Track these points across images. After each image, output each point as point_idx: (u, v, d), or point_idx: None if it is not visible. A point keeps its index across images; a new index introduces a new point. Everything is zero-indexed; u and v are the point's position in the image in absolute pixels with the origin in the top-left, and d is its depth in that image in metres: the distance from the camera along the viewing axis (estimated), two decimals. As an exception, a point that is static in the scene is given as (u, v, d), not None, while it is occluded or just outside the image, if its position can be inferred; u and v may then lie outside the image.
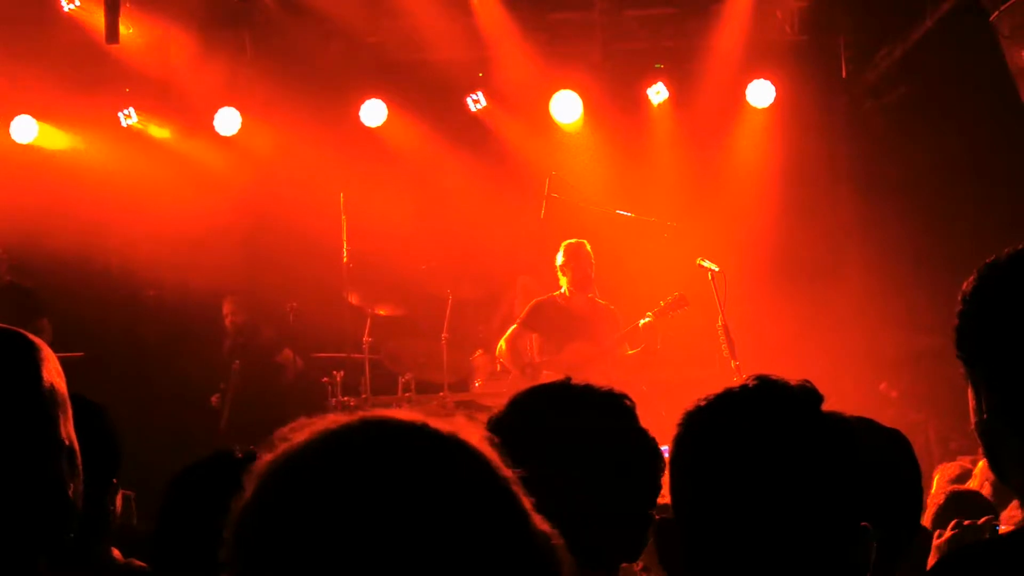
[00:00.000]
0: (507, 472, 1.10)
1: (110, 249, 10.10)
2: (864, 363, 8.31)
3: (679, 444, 1.78)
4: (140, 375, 9.37)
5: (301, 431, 1.10)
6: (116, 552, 2.57)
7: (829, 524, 1.70)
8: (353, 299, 9.10)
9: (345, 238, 8.95)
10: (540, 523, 1.10)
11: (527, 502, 1.10)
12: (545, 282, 8.44)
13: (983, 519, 2.64)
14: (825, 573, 1.70)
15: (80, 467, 1.74)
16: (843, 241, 9.55)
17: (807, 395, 1.75)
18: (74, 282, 9.74)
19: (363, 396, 8.78)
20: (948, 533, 2.59)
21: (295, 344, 9.81)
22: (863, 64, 9.81)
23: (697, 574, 1.74)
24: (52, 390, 1.69)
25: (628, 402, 2.13)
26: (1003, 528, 2.66)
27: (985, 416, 1.57)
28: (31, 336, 1.72)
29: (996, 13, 8.14)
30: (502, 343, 8.30)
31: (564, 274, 8.20)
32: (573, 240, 8.19)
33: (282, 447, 1.09)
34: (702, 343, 7.98)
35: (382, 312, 9.26)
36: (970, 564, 1.66)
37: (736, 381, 1.84)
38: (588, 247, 8.16)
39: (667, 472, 1.83)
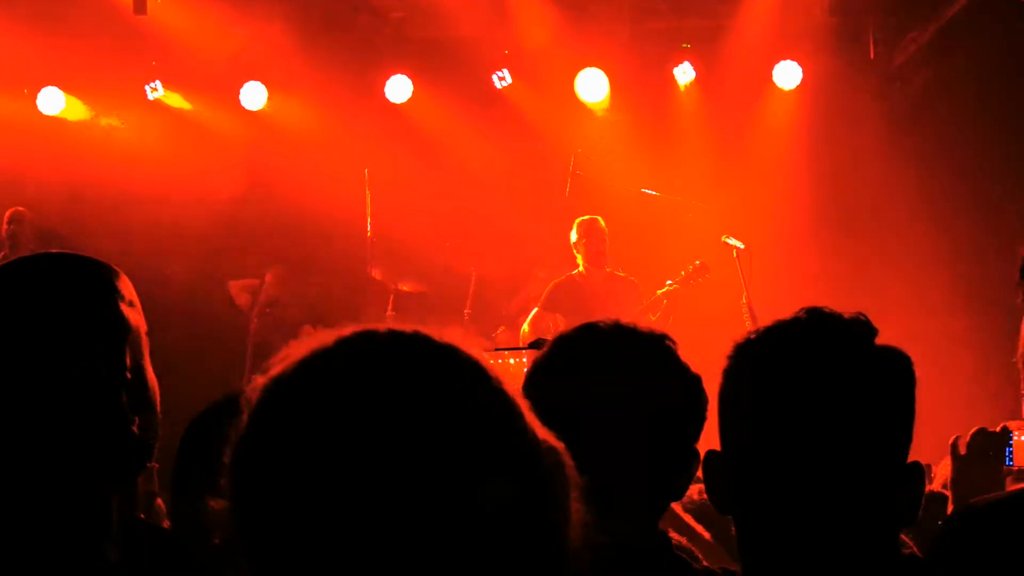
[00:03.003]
0: (504, 381, 1.08)
1: (133, 222, 10.10)
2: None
3: (729, 375, 1.76)
4: (161, 353, 9.34)
5: (296, 349, 1.08)
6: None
7: (882, 458, 1.67)
8: (376, 274, 9.13)
9: (369, 213, 8.97)
10: (541, 432, 1.08)
11: (528, 413, 1.08)
12: (563, 271, 8.41)
13: (999, 426, 2.64)
14: (877, 508, 1.67)
15: (153, 401, 1.73)
16: (870, 224, 9.48)
17: (860, 326, 1.72)
18: (97, 255, 9.72)
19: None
20: (967, 438, 2.58)
21: (319, 319, 9.79)
22: (892, 46, 9.74)
23: (746, 506, 1.71)
24: (118, 319, 1.67)
25: (670, 342, 2.11)
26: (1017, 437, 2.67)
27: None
28: (112, 267, 1.70)
29: (1028, -5, 8.08)
30: (525, 326, 8.31)
31: (578, 251, 8.21)
32: (586, 216, 8.21)
33: (275, 368, 1.07)
34: (726, 321, 7.94)
35: (405, 288, 9.29)
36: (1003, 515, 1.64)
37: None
38: (601, 222, 8.15)
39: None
